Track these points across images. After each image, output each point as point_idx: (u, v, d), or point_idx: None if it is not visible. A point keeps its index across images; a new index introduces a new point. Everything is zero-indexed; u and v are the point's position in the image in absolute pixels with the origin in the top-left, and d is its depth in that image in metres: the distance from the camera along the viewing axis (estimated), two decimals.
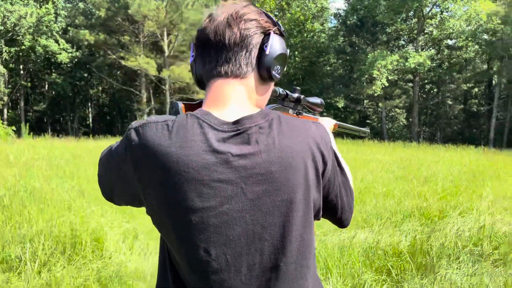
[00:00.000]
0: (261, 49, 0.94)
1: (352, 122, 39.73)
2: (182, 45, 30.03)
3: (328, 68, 35.59)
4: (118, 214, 4.91)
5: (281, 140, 0.87)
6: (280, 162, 0.86)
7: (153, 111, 34.86)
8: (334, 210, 1.04)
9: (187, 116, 0.88)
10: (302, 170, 0.88)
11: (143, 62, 27.06)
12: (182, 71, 27.74)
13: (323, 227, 4.92)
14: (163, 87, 30.28)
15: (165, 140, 0.84)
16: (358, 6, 32.47)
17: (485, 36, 28.43)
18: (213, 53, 0.93)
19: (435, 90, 37.23)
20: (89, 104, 41.10)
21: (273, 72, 0.95)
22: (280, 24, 1.00)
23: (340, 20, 35.60)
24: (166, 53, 29.30)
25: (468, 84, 36.12)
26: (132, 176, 0.89)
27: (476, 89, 37.94)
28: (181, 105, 1.02)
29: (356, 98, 34.87)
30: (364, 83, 30.25)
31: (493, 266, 3.83)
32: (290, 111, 1.30)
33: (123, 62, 27.71)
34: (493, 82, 33.36)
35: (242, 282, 0.88)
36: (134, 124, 0.90)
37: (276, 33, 0.97)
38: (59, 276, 3.37)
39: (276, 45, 0.95)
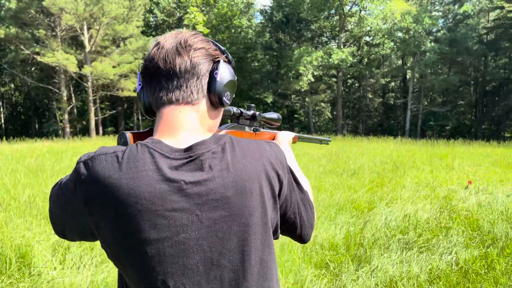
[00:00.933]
0: (211, 76, 0.95)
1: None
2: (105, 39, 28.59)
3: (256, 64, 36.08)
4: (45, 226, 4.56)
5: (235, 164, 0.87)
6: (235, 186, 0.86)
7: (75, 110, 32.89)
8: (294, 227, 1.05)
9: (137, 145, 0.86)
10: (258, 193, 0.88)
11: (61, 58, 25.31)
12: (105, 67, 26.40)
13: None
14: (84, 84, 28.62)
15: (115, 172, 0.82)
16: (283, 3, 33.23)
17: (400, 34, 30.56)
18: (163, 80, 0.92)
19: (356, 84, 39.36)
20: (0, 103, 37.68)
21: (224, 98, 0.96)
22: (228, 53, 1.01)
23: (266, 17, 36.18)
24: (87, 49, 27.70)
25: (385, 79, 38.73)
26: (83, 211, 0.86)
27: (393, 83, 40.81)
28: (129, 135, 0.98)
29: (284, 94, 35.77)
30: (291, 79, 31.08)
31: (419, 252, 4.14)
32: (247, 128, 1.30)
33: (38, 58, 25.70)
34: (407, 76, 36.02)
35: None
36: (82, 157, 0.87)
37: (225, 61, 0.99)
38: None
39: (225, 72, 0.96)
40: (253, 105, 1.31)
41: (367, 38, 35.26)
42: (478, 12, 35.78)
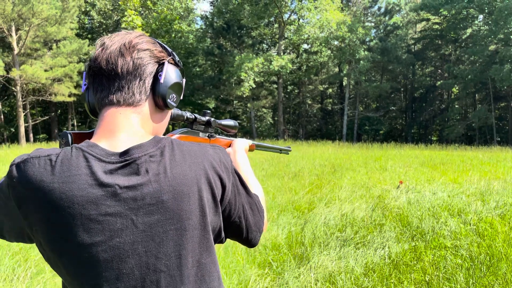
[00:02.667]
0: (156, 78, 0.94)
1: None
2: (35, 41, 27.00)
3: (198, 69, 35.90)
4: None
5: (173, 167, 0.86)
6: (172, 191, 0.85)
7: (1, 116, 30.67)
8: (239, 231, 1.03)
9: (72, 149, 0.85)
10: (196, 196, 0.87)
11: None
12: (36, 71, 24.90)
13: None
14: (13, 88, 26.81)
15: (48, 176, 0.81)
16: (224, 9, 33.42)
17: (336, 42, 31.93)
18: (105, 81, 0.91)
19: (296, 91, 40.43)
20: None
21: (169, 100, 0.96)
22: (175, 54, 1.01)
23: (207, 22, 36.16)
24: (16, 51, 25.99)
25: (323, 85, 40.25)
26: (17, 214, 0.85)
27: (331, 90, 42.48)
28: (71, 135, 0.97)
29: (226, 99, 35.89)
30: (233, 85, 31.28)
31: (356, 248, 4.38)
32: (201, 134, 1.30)
33: None
34: (344, 83, 37.65)
35: None
36: (16, 159, 0.86)
37: (171, 63, 0.98)
38: None
39: (170, 74, 0.96)
40: (208, 111, 1.31)
41: (306, 46, 36.44)
42: (406, 23, 38.35)
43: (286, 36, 34.38)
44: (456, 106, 36.23)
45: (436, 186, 7.96)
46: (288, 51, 36.48)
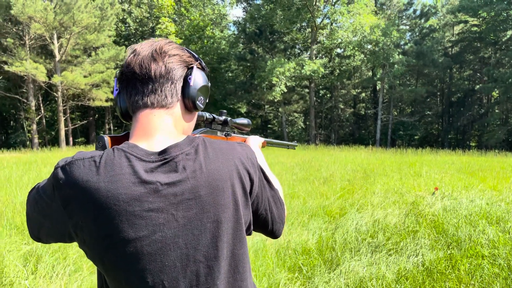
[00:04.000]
0: (185, 81, 1.00)
1: (254, 127, 40.93)
2: (75, 49, 28.11)
3: (230, 75, 36.26)
4: (16, 237, 4.48)
5: (208, 164, 0.92)
6: (208, 186, 0.91)
7: (43, 120, 32.05)
8: (265, 223, 1.10)
9: (113, 150, 0.90)
10: (230, 191, 0.93)
11: (30, 67, 24.68)
12: (76, 77, 25.92)
13: None
14: (54, 94, 27.99)
15: (93, 176, 0.86)
16: (256, 15, 33.65)
17: (369, 46, 31.46)
18: (139, 85, 0.97)
19: (328, 95, 40.09)
20: None
21: (198, 103, 1.02)
22: (201, 60, 1.07)
23: (240, 28, 36.49)
24: (57, 58, 27.14)
25: (356, 90, 39.70)
26: (62, 214, 0.90)
27: (364, 94, 41.83)
28: (107, 138, 1.03)
29: (257, 104, 36.06)
30: (265, 89, 31.39)
31: (388, 255, 4.30)
32: (219, 133, 1.37)
33: (6, 68, 24.99)
34: (377, 87, 37.01)
35: None
36: (60, 162, 0.91)
37: (199, 67, 1.05)
38: None
39: (199, 78, 1.02)
40: (224, 111, 1.39)
41: (339, 50, 36.09)
42: (443, 26, 37.31)
43: (318, 40, 34.21)
44: (497, 110, 34.77)
45: (474, 193, 7.69)
46: (320, 55, 36.25)
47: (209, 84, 1.09)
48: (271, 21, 32.04)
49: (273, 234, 1.14)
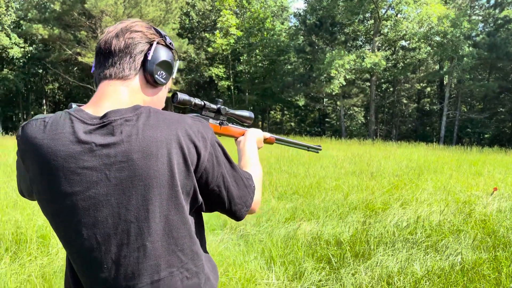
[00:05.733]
0: (145, 56, 1.07)
1: (311, 120, 40.46)
2: None
3: (289, 67, 36.07)
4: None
5: (145, 130, 0.96)
6: (141, 151, 0.95)
7: None
8: (220, 200, 1.10)
9: (62, 113, 1.00)
10: (166, 158, 0.96)
11: None
12: None
13: (272, 220, 5.11)
14: None
15: (40, 134, 0.97)
16: (317, 6, 33.11)
17: (437, 38, 29.76)
18: (102, 59, 1.06)
19: (390, 89, 38.58)
20: (44, 101, 39.55)
21: (157, 76, 1.07)
22: (168, 38, 1.12)
23: (300, 20, 36.14)
24: None
25: (421, 84, 37.79)
26: (24, 168, 1.03)
27: (429, 89, 39.70)
28: (75, 106, 1.11)
29: (315, 97, 35.58)
30: (323, 82, 30.90)
31: (425, 252, 4.13)
32: (211, 120, 1.40)
33: (79, 59, 26.86)
34: (444, 82, 35.00)
35: (113, 260, 0.98)
36: (23, 123, 1.03)
37: (161, 44, 1.10)
38: (3, 273, 3.34)
39: (159, 53, 1.08)
40: (220, 100, 1.41)
41: (403, 42, 34.55)
42: None
43: (381, 32, 32.98)
44: None
45: None
46: (383, 47, 34.93)
47: (176, 61, 1.14)
48: (332, 12, 31.36)
49: (234, 214, 1.15)
